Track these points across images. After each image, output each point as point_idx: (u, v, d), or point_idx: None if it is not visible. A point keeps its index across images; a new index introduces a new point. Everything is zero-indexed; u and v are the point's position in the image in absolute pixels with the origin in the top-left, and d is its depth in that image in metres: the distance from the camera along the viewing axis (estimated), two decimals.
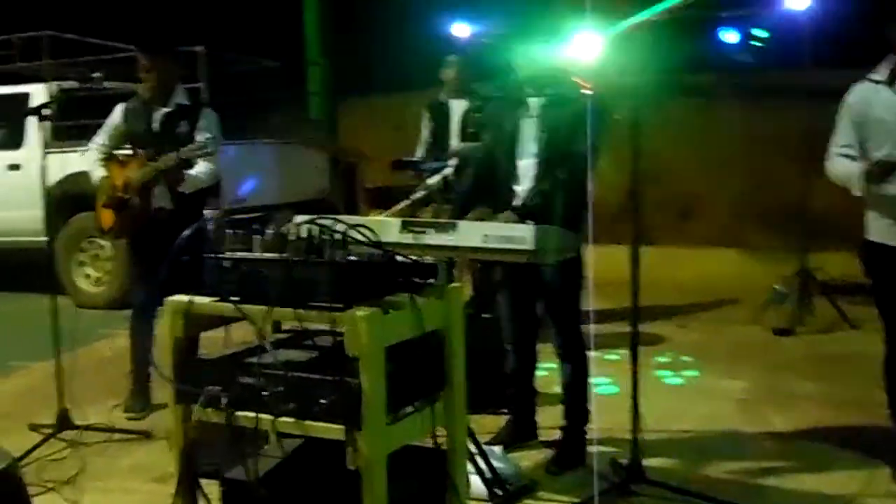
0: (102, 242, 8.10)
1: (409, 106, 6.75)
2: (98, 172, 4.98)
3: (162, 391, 5.00)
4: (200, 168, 4.78)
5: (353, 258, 2.45)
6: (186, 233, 2.60)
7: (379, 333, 2.32)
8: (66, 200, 6.97)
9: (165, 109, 4.89)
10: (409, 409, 2.51)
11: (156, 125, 4.89)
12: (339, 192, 6.69)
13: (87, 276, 8.29)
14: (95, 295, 7.94)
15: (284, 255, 2.41)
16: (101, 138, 5.04)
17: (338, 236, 2.38)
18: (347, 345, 2.30)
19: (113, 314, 5.02)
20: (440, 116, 6.38)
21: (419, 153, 6.42)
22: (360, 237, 2.44)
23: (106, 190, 4.92)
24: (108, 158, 5.01)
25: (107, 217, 5.00)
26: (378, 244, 2.49)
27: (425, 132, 6.48)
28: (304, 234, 2.48)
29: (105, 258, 8.20)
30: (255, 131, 8.85)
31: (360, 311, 2.31)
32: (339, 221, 2.43)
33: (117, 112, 5.02)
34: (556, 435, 4.20)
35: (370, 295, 2.43)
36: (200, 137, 4.74)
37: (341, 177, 6.96)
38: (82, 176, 5.80)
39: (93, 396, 4.89)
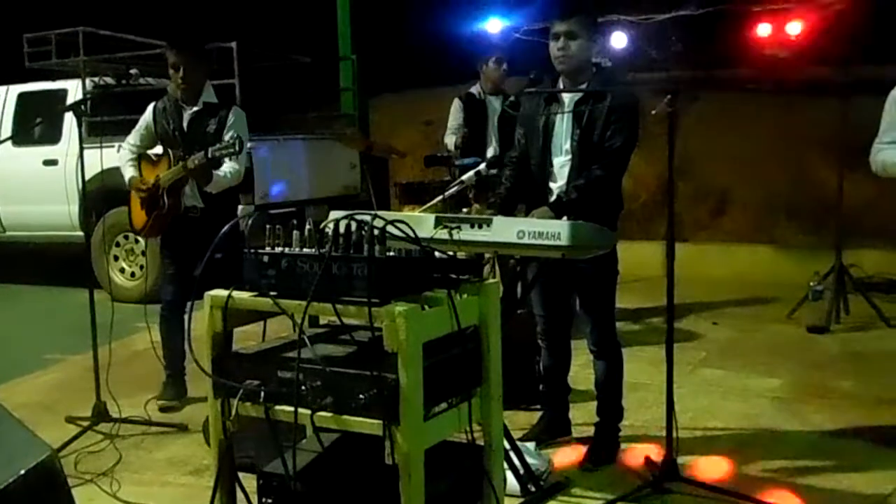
0: (137, 237, 8.18)
1: (439, 102, 6.75)
2: (129, 172, 5.02)
3: (195, 385, 5.09)
4: (226, 168, 4.80)
5: (391, 254, 2.46)
6: (224, 230, 2.61)
7: (417, 329, 2.33)
8: (102, 196, 7.03)
9: (194, 108, 4.92)
10: (446, 404, 2.51)
11: (185, 124, 4.93)
12: (371, 187, 6.70)
13: (122, 270, 8.39)
14: (130, 289, 8.03)
15: (323, 250, 2.42)
16: (132, 138, 5.09)
17: (376, 232, 2.38)
18: (386, 340, 2.30)
19: (147, 308, 5.08)
20: (476, 111, 6.37)
21: (450, 143, 6.40)
22: (398, 233, 2.44)
23: (137, 189, 4.96)
24: (140, 158, 5.06)
25: (139, 216, 5.05)
26: (416, 240, 2.49)
27: (455, 122, 6.45)
28: (341, 229, 2.49)
29: (139, 253, 8.28)
30: (286, 127, 8.89)
31: (399, 307, 2.32)
32: (378, 217, 2.43)
33: (148, 112, 5.07)
34: (590, 431, 4.19)
35: (408, 290, 2.44)
36: (228, 136, 4.76)
37: (372, 172, 6.98)
38: (116, 171, 5.87)
39: (128, 390, 4.94)
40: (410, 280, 2.47)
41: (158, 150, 5.06)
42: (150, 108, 5.07)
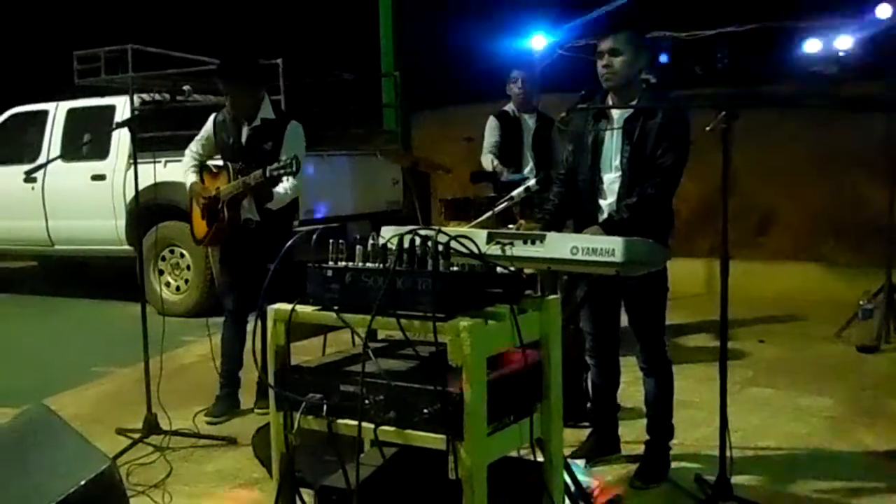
0: (183, 251, 8.29)
1: (480, 119, 6.75)
2: (190, 178, 5.15)
3: (246, 397, 5.14)
4: (285, 185, 4.90)
5: (455, 268, 2.47)
6: (290, 243, 2.64)
7: (481, 344, 2.33)
8: (148, 210, 7.12)
9: (252, 124, 5.01)
10: (508, 420, 2.51)
11: (243, 139, 5.03)
12: (414, 203, 6.73)
13: (168, 284, 8.48)
14: (176, 303, 8.10)
15: (387, 264, 2.44)
16: (194, 146, 5.21)
17: (440, 247, 2.39)
18: (450, 355, 2.31)
19: (193, 322, 5.14)
20: (510, 129, 6.36)
21: (486, 162, 6.38)
22: (461, 248, 2.45)
23: (198, 197, 5.07)
24: (201, 168, 5.18)
25: (200, 226, 5.16)
26: (480, 255, 2.50)
27: (492, 139, 6.42)
28: (399, 245, 2.50)
29: (185, 267, 8.38)
30: (330, 142, 8.97)
31: (464, 322, 2.32)
32: (442, 232, 2.44)
33: (209, 122, 5.18)
34: (639, 449, 4.16)
35: (471, 305, 2.44)
36: (285, 155, 4.81)
37: (416, 188, 7.01)
38: (163, 187, 5.95)
39: (175, 402, 4.97)
40: (474, 295, 2.47)
41: (219, 162, 5.18)
42: (211, 118, 5.19)
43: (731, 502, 3.58)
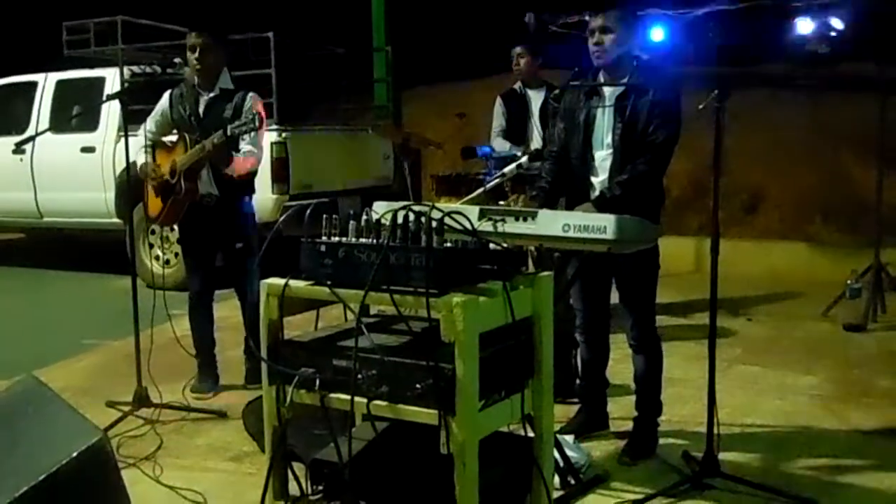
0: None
1: (471, 94, 6.72)
2: (140, 158, 4.97)
3: (231, 374, 5.14)
4: (244, 149, 4.75)
5: (448, 245, 2.47)
6: (283, 218, 2.64)
7: (474, 320, 2.34)
8: (138, 183, 7.08)
9: (211, 94, 4.87)
10: (499, 395, 2.53)
11: (201, 109, 4.88)
12: (405, 179, 6.71)
13: (157, 257, 8.45)
14: (165, 276, 8.04)
15: (381, 240, 2.44)
16: (148, 124, 5.04)
17: (434, 223, 2.40)
18: (443, 330, 2.32)
19: (182, 295, 5.13)
20: (517, 106, 6.34)
21: (498, 146, 6.35)
22: (455, 224, 2.46)
23: (150, 176, 4.92)
24: (155, 145, 5.00)
25: (154, 204, 5.01)
26: (473, 232, 2.51)
27: (497, 123, 6.41)
28: (393, 220, 2.50)
29: (174, 241, 8.34)
30: (321, 117, 8.93)
31: (457, 297, 2.33)
32: (436, 208, 2.45)
33: (164, 98, 5.02)
34: (627, 426, 4.19)
35: (464, 281, 2.45)
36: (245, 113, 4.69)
37: (406, 164, 6.99)
38: None
39: (164, 375, 4.95)
40: (467, 271, 2.48)
41: (173, 137, 5.01)
42: (166, 94, 5.02)
43: (717, 478, 3.62)
